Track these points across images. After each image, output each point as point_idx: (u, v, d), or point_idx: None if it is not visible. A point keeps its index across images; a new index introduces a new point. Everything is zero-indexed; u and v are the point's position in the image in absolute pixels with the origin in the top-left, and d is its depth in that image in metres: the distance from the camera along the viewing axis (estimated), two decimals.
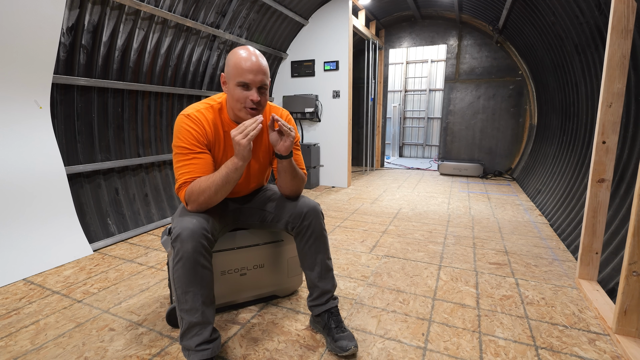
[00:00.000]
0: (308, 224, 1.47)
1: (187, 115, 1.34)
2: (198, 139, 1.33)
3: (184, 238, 1.20)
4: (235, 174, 1.27)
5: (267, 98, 1.39)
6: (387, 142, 9.48)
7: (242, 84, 1.30)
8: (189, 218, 1.26)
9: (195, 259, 1.21)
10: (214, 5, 3.44)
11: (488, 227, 3.08)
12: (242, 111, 1.34)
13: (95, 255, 2.45)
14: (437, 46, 8.75)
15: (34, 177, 2.26)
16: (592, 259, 1.93)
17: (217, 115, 1.40)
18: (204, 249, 1.23)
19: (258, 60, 1.31)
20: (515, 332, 1.56)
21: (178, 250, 1.20)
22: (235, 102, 1.33)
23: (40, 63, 2.22)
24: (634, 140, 2.11)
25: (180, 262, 1.20)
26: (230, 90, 1.33)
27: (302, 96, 4.83)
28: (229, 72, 1.33)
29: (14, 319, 1.66)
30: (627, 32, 1.69)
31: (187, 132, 1.31)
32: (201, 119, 1.35)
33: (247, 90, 1.31)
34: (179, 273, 1.21)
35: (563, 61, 3.54)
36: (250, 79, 1.29)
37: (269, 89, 1.40)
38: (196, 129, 1.32)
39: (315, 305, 1.52)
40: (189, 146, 1.31)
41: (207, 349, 1.23)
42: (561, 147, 3.81)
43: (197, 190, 1.27)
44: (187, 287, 1.21)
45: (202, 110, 1.37)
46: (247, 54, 1.31)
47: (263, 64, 1.33)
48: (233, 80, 1.31)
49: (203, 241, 1.23)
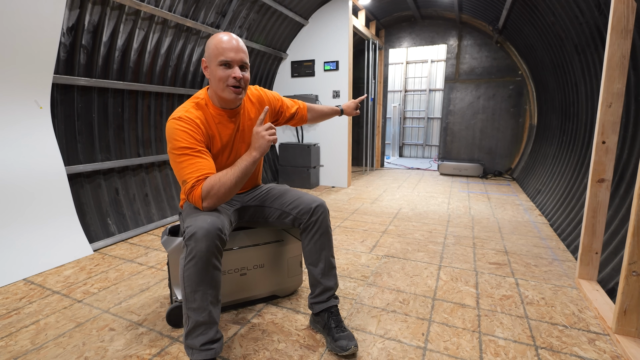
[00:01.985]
0: (316, 219, 1.50)
1: (179, 117, 1.33)
2: (196, 137, 1.33)
3: (199, 237, 1.19)
4: (253, 166, 1.32)
5: (249, 78, 1.41)
6: (387, 142, 9.49)
7: (223, 62, 1.33)
8: (204, 217, 1.24)
9: (207, 259, 1.20)
10: (214, 5, 3.44)
11: (488, 227, 3.08)
12: (225, 90, 1.36)
13: (96, 255, 2.45)
14: (437, 46, 8.75)
15: (34, 177, 2.26)
16: (592, 259, 1.94)
17: (205, 110, 1.41)
18: (217, 250, 1.23)
19: (238, 41, 1.37)
20: (515, 332, 1.56)
21: (192, 249, 1.19)
22: (218, 82, 1.35)
23: (40, 63, 2.22)
24: (634, 140, 2.12)
25: (193, 261, 1.19)
26: (213, 72, 1.36)
27: (302, 96, 4.83)
28: (209, 54, 1.36)
29: (14, 318, 1.66)
30: (627, 32, 1.69)
31: (185, 133, 1.31)
32: (193, 118, 1.35)
33: (229, 69, 1.34)
34: (190, 272, 1.20)
35: (563, 61, 3.54)
36: (232, 57, 1.33)
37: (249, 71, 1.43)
38: (192, 129, 1.33)
39: (316, 303, 1.53)
40: (190, 145, 1.31)
41: (211, 349, 1.23)
42: (561, 147, 3.82)
43: (217, 184, 1.27)
44: (197, 286, 1.21)
45: (190, 110, 1.37)
46: (227, 36, 1.35)
47: (242, 44, 1.38)
48: (214, 61, 1.34)
49: (217, 241, 1.22)
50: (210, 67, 1.37)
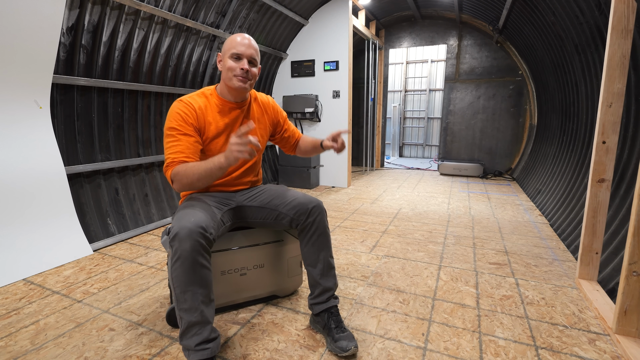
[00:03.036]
0: (313, 220, 1.50)
1: (180, 100, 1.47)
2: (186, 120, 1.42)
3: (182, 237, 1.20)
4: (219, 172, 1.31)
5: (257, 75, 1.54)
6: (387, 142, 9.49)
7: (235, 55, 1.47)
8: (188, 217, 1.27)
9: (193, 258, 1.21)
10: (214, 5, 3.44)
11: (488, 227, 3.08)
12: (232, 79, 1.48)
13: (95, 255, 2.45)
14: (437, 46, 8.76)
15: (34, 177, 2.26)
16: (592, 259, 1.93)
17: (207, 100, 1.52)
18: (202, 248, 1.23)
19: (250, 40, 1.51)
20: (515, 332, 1.56)
21: (176, 250, 1.21)
22: (227, 72, 1.48)
23: (40, 63, 2.22)
24: (634, 140, 2.11)
25: (179, 262, 1.20)
26: (224, 63, 1.50)
27: (302, 96, 4.83)
28: (224, 49, 1.51)
29: (14, 319, 1.66)
30: (627, 32, 1.69)
31: (177, 115, 1.42)
32: (192, 103, 1.46)
33: (239, 61, 1.48)
34: (177, 272, 1.21)
35: (563, 61, 3.54)
36: (242, 51, 1.47)
37: (259, 74, 1.54)
38: (185, 112, 1.43)
39: (316, 304, 1.52)
40: (177, 127, 1.41)
41: (206, 349, 1.23)
42: (561, 147, 3.81)
43: (182, 173, 1.34)
44: (185, 286, 1.21)
45: (194, 96, 1.50)
46: (241, 36, 1.51)
47: (254, 44, 1.52)
48: (227, 54, 1.48)
49: (201, 240, 1.23)
50: (223, 59, 1.51)
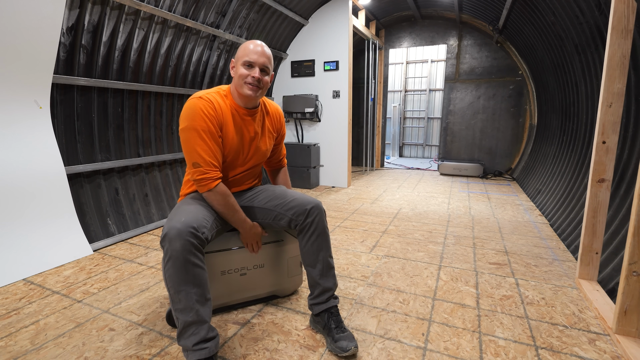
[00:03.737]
0: (312, 220, 1.50)
1: (201, 97, 1.42)
2: (213, 121, 1.42)
3: (172, 237, 1.21)
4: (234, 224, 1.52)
5: (269, 83, 1.53)
6: (387, 142, 9.49)
7: (247, 62, 1.46)
8: (178, 217, 1.27)
9: (184, 258, 1.21)
10: (214, 5, 3.44)
11: (488, 227, 3.08)
12: (243, 87, 1.47)
13: (95, 255, 2.45)
14: (437, 46, 8.75)
15: (34, 177, 2.26)
16: (592, 259, 1.93)
17: (224, 100, 1.52)
18: (194, 247, 1.24)
19: (263, 47, 1.50)
20: (515, 332, 1.56)
21: (167, 250, 1.21)
22: (239, 79, 1.47)
23: (40, 63, 2.21)
24: (634, 140, 2.11)
25: (170, 262, 1.21)
26: (237, 70, 1.49)
27: (302, 96, 4.83)
28: (237, 56, 1.50)
29: (14, 319, 1.66)
30: (627, 32, 1.69)
31: (204, 114, 1.40)
32: (213, 102, 1.45)
33: (251, 69, 1.47)
34: (170, 272, 1.21)
35: (563, 61, 3.54)
36: (254, 59, 1.46)
37: (271, 81, 1.52)
38: (211, 112, 1.42)
39: (316, 304, 1.52)
40: (208, 128, 1.40)
41: (204, 348, 1.23)
42: (561, 147, 3.81)
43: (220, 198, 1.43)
44: (179, 286, 1.22)
45: (212, 94, 1.48)
46: (254, 43, 1.50)
47: (267, 51, 1.51)
48: (240, 61, 1.48)
49: (191, 239, 1.23)
50: (236, 66, 1.50)
